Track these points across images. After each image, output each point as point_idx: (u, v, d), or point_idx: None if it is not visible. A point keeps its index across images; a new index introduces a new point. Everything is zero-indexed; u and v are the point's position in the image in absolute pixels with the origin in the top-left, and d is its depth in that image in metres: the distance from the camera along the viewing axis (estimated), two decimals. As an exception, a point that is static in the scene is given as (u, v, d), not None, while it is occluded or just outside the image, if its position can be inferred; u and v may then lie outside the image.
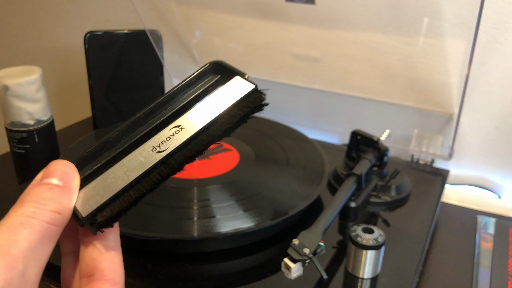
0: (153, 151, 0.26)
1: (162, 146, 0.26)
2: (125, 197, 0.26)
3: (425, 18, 0.59)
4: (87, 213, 0.25)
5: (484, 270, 0.47)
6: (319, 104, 0.77)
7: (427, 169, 0.63)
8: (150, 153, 0.26)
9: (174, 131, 0.27)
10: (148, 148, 0.27)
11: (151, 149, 0.26)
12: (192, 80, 0.29)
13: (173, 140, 0.27)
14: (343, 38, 0.66)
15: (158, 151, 0.26)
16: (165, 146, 0.26)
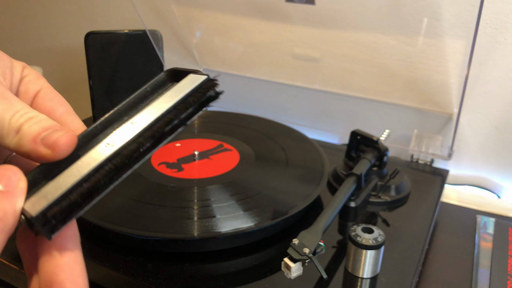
0: (106, 147, 0.26)
1: (115, 141, 0.26)
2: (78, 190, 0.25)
3: (424, 18, 0.59)
4: (37, 212, 0.24)
5: (483, 270, 0.47)
6: (319, 104, 0.77)
7: (427, 169, 0.63)
8: (103, 149, 0.26)
9: (128, 128, 0.27)
10: (102, 146, 0.26)
11: (104, 146, 0.26)
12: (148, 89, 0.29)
13: (126, 134, 0.26)
14: (343, 38, 0.66)
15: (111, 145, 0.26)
16: (118, 141, 0.26)
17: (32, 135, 0.24)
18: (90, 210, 0.45)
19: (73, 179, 0.25)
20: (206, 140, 0.61)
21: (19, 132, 0.24)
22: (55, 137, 0.24)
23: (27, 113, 0.25)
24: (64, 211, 0.24)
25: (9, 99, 0.25)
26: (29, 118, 0.24)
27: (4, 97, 0.25)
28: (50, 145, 0.24)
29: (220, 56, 0.82)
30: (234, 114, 0.71)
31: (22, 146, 0.24)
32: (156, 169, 0.52)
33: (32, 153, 0.24)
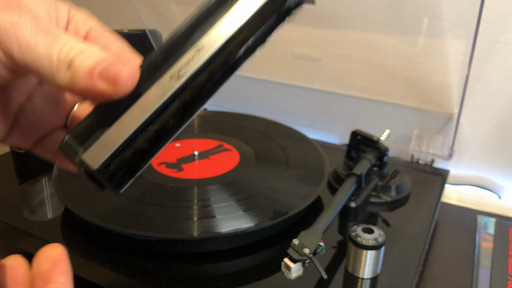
0: (171, 80, 0.22)
1: (181, 72, 0.22)
2: (143, 134, 0.21)
3: (425, 18, 0.59)
4: (98, 163, 0.21)
5: (484, 270, 0.47)
6: (319, 104, 0.77)
7: (427, 169, 0.63)
8: (168, 84, 0.22)
9: (193, 54, 0.22)
10: (166, 79, 0.22)
11: (169, 79, 0.22)
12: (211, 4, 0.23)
13: (193, 63, 0.22)
14: (343, 38, 0.66)
15: (177, 77, 0.22)
16: (184, 71, 0.22)
17: (87, 69, 0.21)
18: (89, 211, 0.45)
19: (137, 122, 0.21)
20: (206, 140, 0.61)
21: (70, 66, 0.21)
22: (115, 69, 0.21)
23: (76, 44, 0.22)
24: (131, 160, 0.22)
25: (53, 32, 0.22)
26: (80, 50, 0.22)
27: (47, 31, 0.22)
28: (110, 79, 0.21)
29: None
30: (234, 114, 0.71)
31: (76, 83, 0.21)
32: (156, 169, 0.52)
33: (89, 90, 0.21)
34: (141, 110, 0.21)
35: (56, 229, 0.46)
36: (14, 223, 0.46)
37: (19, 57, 0.21)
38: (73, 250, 0.42)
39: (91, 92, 0.22)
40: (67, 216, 0.48)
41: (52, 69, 0.21)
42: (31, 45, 0.21)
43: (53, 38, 0.22)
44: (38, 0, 0.24)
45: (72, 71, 0.21)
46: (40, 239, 0.44)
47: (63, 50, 0.21)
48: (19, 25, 0.21)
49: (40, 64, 0.21)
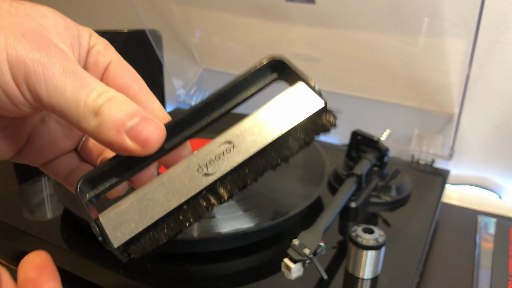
0: (199, 172, 0.22)
1: (209, 168, 0.23)
2: (164, 229, 0.22)
3: (425, 18, 0.59)
4: (120, 243, 0.22)
5: (484, 270, 0.47)
6: (319, 104, 0.77)
7: (428, 169, 0.63)
8: (196, 175, 0.22)
9: (224, 148, 0.23)
10: (194, 166, 0.23)
11: (197, 169, 0.23)
12: (247, 78, 0.24)
13: (223, 162, 0.23)
14: (343, 38, 0.66)
15: (205, 173, 0.22)
16: (213, 168, 0.22)
17: (115, 124, 0.21)
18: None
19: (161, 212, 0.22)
20: (206, 140, 0.61)
21: (97, 115, 0.21)
22: (146, 131, 0.21)
23: (104, 92, 0.22)
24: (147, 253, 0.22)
25: (81, 75, 0.22)
26: (108, 99, 0.22)
27: (76, 74, 0.22)
28: (139, 140, 0.21)
29: (220, 55, 0.82)
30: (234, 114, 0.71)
31: (102, 134, 0.21)
32: (155, 169, 0.52)
33: (115, 144, 0.21)
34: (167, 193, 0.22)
35: (56, 229, 0.46)
36: (13, 223, 0.46)
37: (46, 99, 0.21)
38: (72, 251, 0.42)
39: (117, 147, 0.22)
40: (67, 216, 0.48)
41: (78, 114, 0.21)
42: (59, 88, 0.21)
43: (81, 83, 0.21)
44: (62, 32, 0.24)
45: (99, 120, 0.21)
46: (40, 239, 0.44)
47: (91, 96, 0.21)
48: (47, 66, 0.21)
49: (67, 108, 0.21)
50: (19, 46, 0.21)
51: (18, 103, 0.22)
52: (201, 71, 0.86)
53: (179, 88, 0.83)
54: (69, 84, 0.21)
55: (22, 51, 0.21)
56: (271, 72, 0.25)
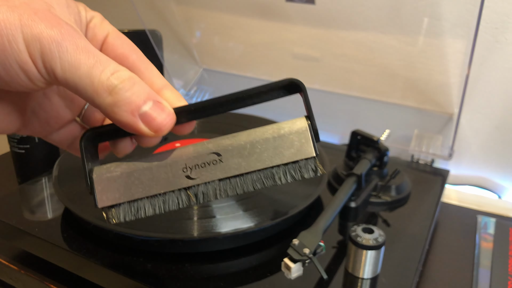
0: (184, 172, 0.25)
1: (193, 172, 0.25)
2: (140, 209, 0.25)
3: (425, 18, 0.59)
4: (103, 205, 0.25)
5: (484, 270, 0.47)
6: (319, 104, 0.77)
7: (427, 169, 0.63)
8: (180, 173, 0.25)
9: (212, 158, 0.26)
10: (181, 164, 0.25)
11: (183, 168, 0.25)
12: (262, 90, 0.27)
13: (206, 171, 0.25)
14: (343, 38, 0.66)
15: (188, 175, 0.25)
16: (196, 174, 0.25)
17: (130, 107, 0.23)
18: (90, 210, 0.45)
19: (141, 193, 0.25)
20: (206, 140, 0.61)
21: (112, 94, 0.23)
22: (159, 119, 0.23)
23: (117, 71, 0.23)
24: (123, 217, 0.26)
25: (93, 53, 0.23)
26: (123, 79, 0.23)
27: (88, 51, 0.23)
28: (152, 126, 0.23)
29: (220, 56, 0.82)
30: (234, 114, 0.71)
31: (116, 114, 0.23)
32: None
33: (128, 126, 0.23)
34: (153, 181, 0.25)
35: (56, 229, 0.46)
36: (14, 223, 0.46)
37: (61, 76, 0.22)
38: (73, 250, 0.42)
39: (130, 128, 0.24)
40: (67, 216, 0.48)
41: (92, 91, 0.23)
42: (73, 65, 0.22)
43: (95, 60, 0.23)
44: (65, 9, 0.24)
45: (114, 99, 0.23)
46: (40, 239, 0.44)
47: (104, 73, 0.23)
48: (61, 43, 0.22)
49: (81, 84, 0.22)
50: (33, 24, 0.21)
51: (34, 79, 0.22)
52: (201, 71, 0.86)
53: (179, 88, 0.83)
54: (83, 61, 0.22)
55: (36, 29, 0.21)
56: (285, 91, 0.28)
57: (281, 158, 0.25)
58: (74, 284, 0.45)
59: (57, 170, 0.51)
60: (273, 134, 0.26)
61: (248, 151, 0.26)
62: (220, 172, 0.25)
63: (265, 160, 0.25)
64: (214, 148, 0.26)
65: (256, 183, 0.26)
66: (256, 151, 0.26)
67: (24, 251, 0.47)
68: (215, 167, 0.25)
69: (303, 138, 0.26)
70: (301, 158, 0.26)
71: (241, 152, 0.26)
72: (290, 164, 0.26)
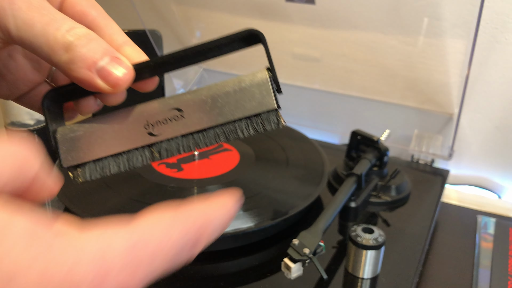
0: (145, 129, 0.25)
1: (156, 129, 0.25)
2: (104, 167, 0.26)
3: (425, 18, 0.59)
4: (69, 165, 0.26)
5: (484, 270, 0.47)
6: (319, 104, 0.77)
7: (427, 169, 0.63)
8: (142, 130, 0.25)
9: (173, 114, 0.25)
10: (142, 121, 0.25)
11: (144, 125, 0.25)
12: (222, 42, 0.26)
13: (169, 127, 0.25)
14: (343, 38, 0.66)
15: (150, 132, 0.25)
16: (158, 130, 0.25)
17: (86, 62, 0.23)
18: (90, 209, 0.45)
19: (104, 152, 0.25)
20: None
21: (68, 51, 0.22)
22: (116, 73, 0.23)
23: (73, 28, 0.23)
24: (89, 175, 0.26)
25: (48, 10, 0.23)
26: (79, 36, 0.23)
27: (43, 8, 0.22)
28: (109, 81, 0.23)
29: (220, 56, 0.82)
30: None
31: (73, 71, 0.23)
32: (156, 169, 0.52)
33: (85, 82, 0.23)
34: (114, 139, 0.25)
35: (56, 229, 0.46)
36: (14, 223, 0.46)
37: (15, 34, 0.22)
38: (73, 250, 0.42)
39: (87, 84, 0.23)
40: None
41: (48, 48, 0.22)
42: (27, 23, 0.22)
43: (50, 18, 0.22)
44: None
45: (70, 56, 0.22)
46: (40, 239, 0.44)
47: (60, 31, 0.22)
48: (15, 1, 0.21)
49: (37, 42, 0.22)
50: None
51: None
52: (201, 71, 0.86)
53: (179, 88, 0.83)
54: (37, 19, 0.22)
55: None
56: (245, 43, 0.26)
57: (242, 112, 0.25)
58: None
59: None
60: (234, 87, 0.25)
61: (210, 106, 0.25)
62: (182, 128, 0.25)
63: (227, 114, 0.25)
64: (175, 104, 0.26)
65: (219, 137, 0.26)
66: (217, 105, 0.25)
67: (24, 251, 0.47)
68: (177, 123, 0.25)
69: (264, 90, 0.26)
70: (263, 110, 0.25)
71: (202, 107, 0.25)
72: (252, 117, 0.25)
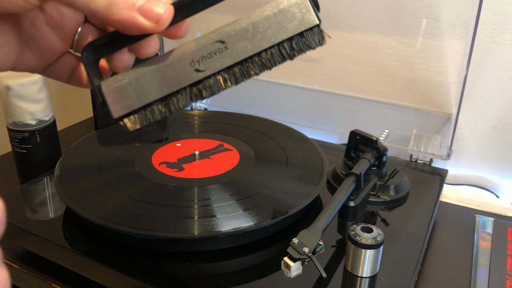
0: (192, 66, 0.25)
1: (201, 64, 0.25)
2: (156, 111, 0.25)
3: (423, 19, 0.59)
4: (119, 115, 0.25)
5: (482, 269, 0.47)
6: (318, 104, 0.77)
7: (426, 169, 0.64)
8: (188, 68, 0.25)
9: (217, 47, 0.25)
10: (187, 59, 0.25)
11: (190, 62, 0.25)
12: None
13: (213, 61, 0.25)
14: (342, 38, 0.66)
15: (196, 68, 0.25)
16: (204, 65, 0.25)
17: (127, 3, 0.22)
18: (90, 209, 0.46)
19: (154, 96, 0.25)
20: (206, 140, 0.61)
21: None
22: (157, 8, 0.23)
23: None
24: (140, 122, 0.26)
25: None
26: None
27: None
28: (152, 17, 0.23)
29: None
30: (234, 114, 0.71)
31: (114, 14, 0.22)
32: (156, 169, 0.53)
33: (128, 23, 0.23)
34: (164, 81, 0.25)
35: (58, 228, 0.46)
36: (16, 222, 0.46)
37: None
38: (74, 249, 0.43)
39: (130, 25, 0.23)
40: (69, 215, 0.48)
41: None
42: None
43: None
44: None
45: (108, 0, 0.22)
46: (42, 238, 0.45)
47: None
48: None
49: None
50: None
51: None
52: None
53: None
54: None
55: None
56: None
57: (286, 33, 0.25)
58: (75, 283, 0.45)
59: (59, 169, 0.52)
60: (273, 10, 0.25)
61: (252, 33, 0.25)
62: (228, 59, 0.25)
63: (270, 37, 0.25)
64: (217, 37, 0.25)
65: (267, 63, 0.25)
66: (259, 30, 0.25)
67: (26, 250, 0.48)
68: (221, 55, 0.25)
69: (303, 8, 0.25)
70: (305, 28, 0.25)
71: (244, 35, 0.25)
72: (296, 36, 0.25)
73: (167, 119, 0.74)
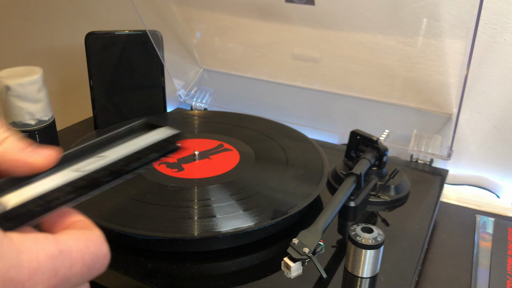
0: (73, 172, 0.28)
1: (82, 169, 0.28)
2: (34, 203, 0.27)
3: (424, 19, 0.59)
4: None
5: (483, 270, 0.47)
6: (319, 104, 0.77)
7: (426, 169, 0.64)
8: (69, 173, 0.28)
9: (97, 159, 0.29)
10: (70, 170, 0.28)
11: (72, 170, 0.28)
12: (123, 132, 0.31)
13: (93, 165, 0.29)
14: (342, 38, 0.66)
15: (77, 170, 0.28)
16: (85, 169, 0.28)
17: (19, 146, 0.26)
18: (91, 210, 0.46)
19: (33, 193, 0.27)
20: (206, 140, 0.61)
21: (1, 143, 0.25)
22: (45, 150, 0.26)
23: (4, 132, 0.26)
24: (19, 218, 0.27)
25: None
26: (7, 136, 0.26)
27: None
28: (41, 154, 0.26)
29: (220, 56, 0.82)
30: (234, 114, 0.71)
31: (8, 153, 0.25)
32: (156, 169, 0.52)
33: (20, 161, 0.26)
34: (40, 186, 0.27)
35: (57, 228, 0.46)
36: (15, 222, 0.46)
37: None
38: (74, 250, 0.43)
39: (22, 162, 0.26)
40: (68, 215, 0.48)
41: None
42: None
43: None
44: None
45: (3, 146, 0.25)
46: (42, 238, 0.45)
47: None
48: None
49: None
50: None
51: None
52: (201, 71, 0.86)
53: (179, 89, 0.84)
54: None
55: None
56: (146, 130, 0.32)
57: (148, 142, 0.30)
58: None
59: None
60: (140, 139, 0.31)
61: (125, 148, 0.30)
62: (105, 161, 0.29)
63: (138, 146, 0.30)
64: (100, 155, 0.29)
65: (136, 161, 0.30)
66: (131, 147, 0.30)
67: (26, 250, 0.48)
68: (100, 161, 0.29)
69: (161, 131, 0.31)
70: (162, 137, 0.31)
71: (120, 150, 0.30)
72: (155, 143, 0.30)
73: (167, 119, 0.73)
